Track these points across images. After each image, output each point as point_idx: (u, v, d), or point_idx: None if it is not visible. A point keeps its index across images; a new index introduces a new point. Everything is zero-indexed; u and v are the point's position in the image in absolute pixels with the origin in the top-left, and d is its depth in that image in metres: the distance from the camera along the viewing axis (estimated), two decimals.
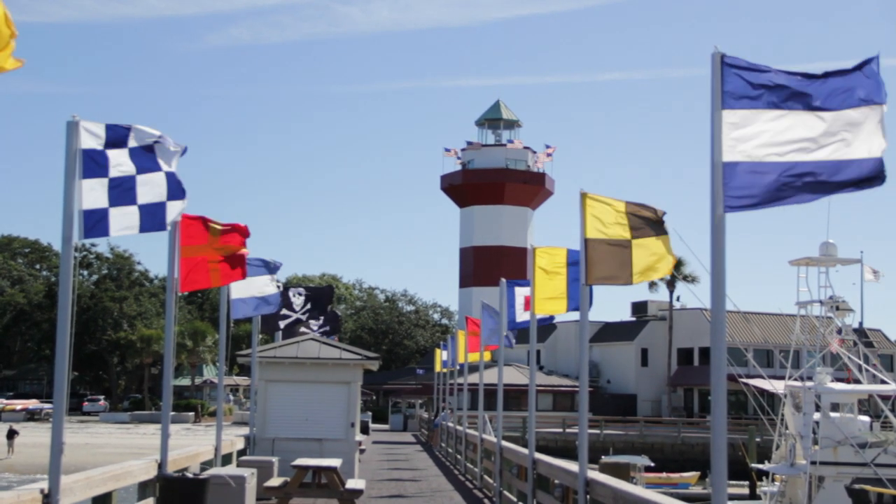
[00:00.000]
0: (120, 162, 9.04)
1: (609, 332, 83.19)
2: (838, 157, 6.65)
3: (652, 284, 76.25)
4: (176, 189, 9.44)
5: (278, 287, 18.65)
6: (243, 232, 12.60)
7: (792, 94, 6.73)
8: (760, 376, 37.74)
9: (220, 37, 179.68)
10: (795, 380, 32.96)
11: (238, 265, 12.75)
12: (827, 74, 6.73)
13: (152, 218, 9.30)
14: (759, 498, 35.69)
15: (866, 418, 33.56)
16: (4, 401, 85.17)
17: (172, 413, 23.05)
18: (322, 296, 27.93)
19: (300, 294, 26.87)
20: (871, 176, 6.60)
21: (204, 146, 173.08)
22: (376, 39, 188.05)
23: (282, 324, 26.13)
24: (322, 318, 27.39)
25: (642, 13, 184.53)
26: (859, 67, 6.68)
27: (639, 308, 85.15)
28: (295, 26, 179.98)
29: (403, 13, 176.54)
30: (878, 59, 6.65)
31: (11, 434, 51.18)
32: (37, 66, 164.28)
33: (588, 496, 10.66)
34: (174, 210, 9.48)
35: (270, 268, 18.27)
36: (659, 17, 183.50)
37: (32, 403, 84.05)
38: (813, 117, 6.71)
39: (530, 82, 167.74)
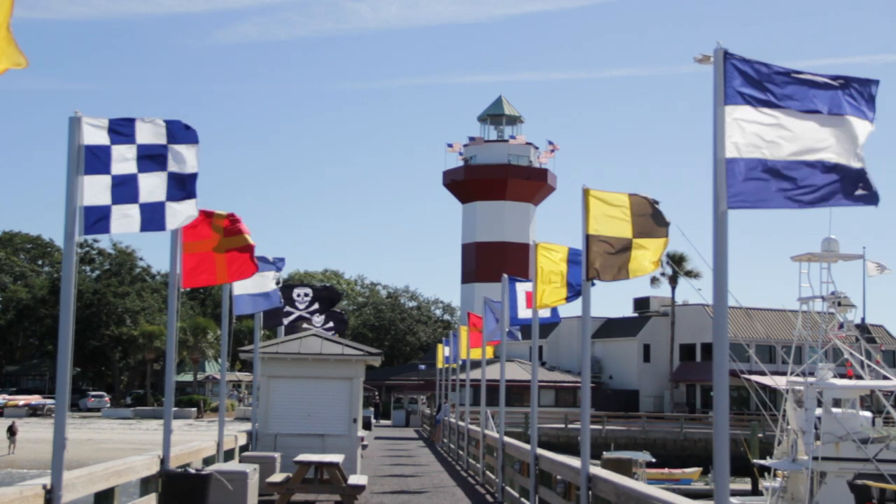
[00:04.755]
0: (124, 159, 8.97)
1: (611, 328, 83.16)
2: (837, 160, 6.64)
3: (654, 280, 76.31)
4: (179, 190, 9.16)
5: (278, 284, 18.69)
6: (238, 222, 12.53)
7: (794, 92, 6.71)
8: (762, 372, 37.70)
9: (228, 34, 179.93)
10: (797, 376, 32.94)
11: (247, 261, 12.59)
12: (826, 84, 6.73)
13: (153, 218, 9.12)
14: (761, 494, 35.67)
15: (868, 414, 33.53)
16: (7, 396, 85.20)
17: (174, 409, 23.04)
18: (328, 296, 27.90)
19: (307, 295, 26.86)
20: (864, 193, 6.61)
21: (209, 142, 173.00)
22: (384, 36, 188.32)
23: (285, 321, 26.13)
24: (325, 316, 27.36)
25: (645, 10, 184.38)
26: (858, 83, 6.72)
27: (641, 304, 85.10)
28: (303, 23, 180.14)
29: (411, 10, 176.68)
30: (878, 84, 6.71)
31: (13, 431, 51.16)
32: (44, 63, 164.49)
33: (590, 492, 10.66)
34: (180, 211, 9.21)
35: (273, 264, 18.30)
36: (662, 14, 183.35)
37: (35, 399, 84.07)
38: (815, 117, 6.69)
39: (534, 79, 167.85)
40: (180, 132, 9.19)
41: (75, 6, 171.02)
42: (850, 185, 6.64)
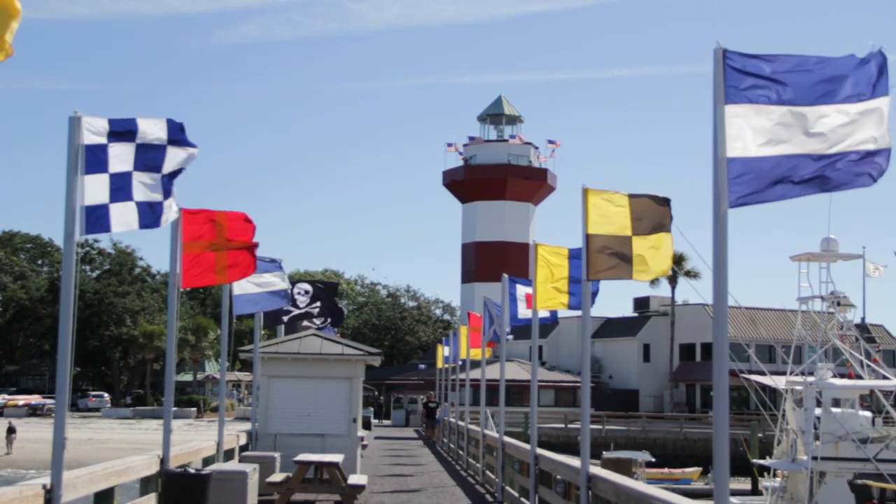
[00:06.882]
0: (120, 157, 8.99)
1: (611, 328, 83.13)
2: (841, 150, 6.63)
3: (654, 280, 76.32)
4: (170, 188, 9.29)
5: (284, 284, 18.61)
6: (248, 222, 12.49)
7: (793, 88, 6.70)
8: (762, 372, 37.71)
9: (230, 33, 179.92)
10: (797, 375, 32.94)
11: (248, 260, 12.53)
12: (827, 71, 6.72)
13: (150, 215, 9.19)
14: (760, 493, 35.68)
15: (868, 413, 33.53)
16: (7, 396, 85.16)
17: (174, 409, 23.00)
18: (327, 291, 27.85)
19: (306, 291, 26.83)
20: (871, 171, 6.60)
21: (210, 142, 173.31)
22: (385, 36, 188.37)
23: (285, 318, 26.10)
24: (323, 311, 27.34)
25: (645, 10, 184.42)
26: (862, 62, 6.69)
27: (641, 304, 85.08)
28: (305, 23, 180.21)
29: (413, 9, 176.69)
30: (883, 54, 6.67)
31: (11, 431, 51.12)
32: (44, 63, 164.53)
33: (590, 492, 10.66)
34: (168, 209, 9.34)
35: (274, 264, 18.27)
36: (662, 14, 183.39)
37: (35, 399, 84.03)
38: (816, 111, 6.68)
39: (534, 79, 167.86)
40: (179, 133, 9.24)
41: (77, 6, 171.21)
42: (851, 171, 6.63)
